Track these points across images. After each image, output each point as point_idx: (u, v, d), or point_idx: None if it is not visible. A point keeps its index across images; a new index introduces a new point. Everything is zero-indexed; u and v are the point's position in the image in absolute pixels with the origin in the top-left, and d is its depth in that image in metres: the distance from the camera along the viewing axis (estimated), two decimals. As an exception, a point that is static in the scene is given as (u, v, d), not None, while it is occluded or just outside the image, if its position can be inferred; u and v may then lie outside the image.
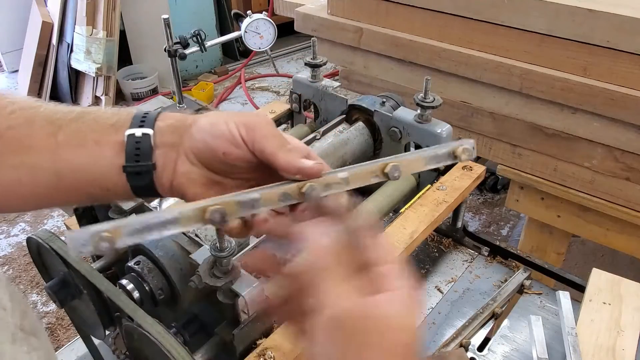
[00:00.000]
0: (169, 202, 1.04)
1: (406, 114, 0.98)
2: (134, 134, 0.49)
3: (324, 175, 0.49)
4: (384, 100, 1.02)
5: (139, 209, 0.81)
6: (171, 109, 1.54)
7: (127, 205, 0.80)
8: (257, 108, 3.20)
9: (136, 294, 0.68)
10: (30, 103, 0.50)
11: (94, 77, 3.14)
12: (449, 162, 0.54)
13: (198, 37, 1.64)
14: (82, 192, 0.50)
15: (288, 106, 1.16)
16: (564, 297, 0.85)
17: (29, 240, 0.83)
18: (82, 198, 0.51)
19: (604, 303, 0.83)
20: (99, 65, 3.08)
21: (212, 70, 3.84)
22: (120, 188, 0.50)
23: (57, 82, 3.35)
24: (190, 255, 0.71)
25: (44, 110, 0.50)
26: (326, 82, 1.09)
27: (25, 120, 0.48)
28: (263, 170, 0.50)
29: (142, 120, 0.50)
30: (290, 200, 0.48)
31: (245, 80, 3.61)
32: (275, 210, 0.51)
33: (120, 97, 3.38)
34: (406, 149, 1.01)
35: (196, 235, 0.74)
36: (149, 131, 0.49)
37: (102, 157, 0.49)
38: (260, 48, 2.00)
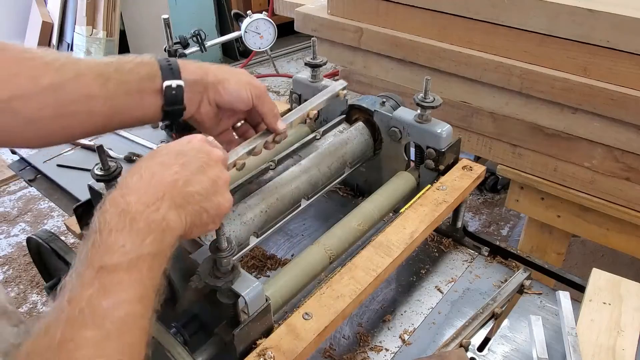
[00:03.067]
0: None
1: (406, 114, 0.98)
2: (170, 85, 0.67)
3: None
4: (384, 100, 1.02)
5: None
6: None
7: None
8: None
9: (136, 294, 0.68)
10: (68, 57, 0.63)
11: (94, 77, 3.14)
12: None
13: (198, 37, 1.64)
14: (123, 125, 0.68)
15: (288, 106, 1.16)
16: (564, 297, 0.85)
17: (29, 240, 0.83)
18: (120, 128, 0.69)
19: (604, 303, 0.83)
20: (99, 65, 3.08)
21: (212, 70, 3.83)
22: (154, 120, 0.69)
23: (57, 82, 3.35)
24: (190, 255, 0.71)
25: (86, 64, 0.63)
26: (326, 82, 1.09)
27: (75, 73, 0.61)
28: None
29: (171, 72, 0.67)
30: (267, 144, 0.79)
31: (245, 80, 3.61)
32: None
33: (120, 97, 3.38)
34: (406, 149, 1.01)
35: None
36: (181, 83, 0.68)
37: (145, 100, 0.66)
38: (260, 48, 2.00)
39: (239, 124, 0.82)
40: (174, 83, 0.67)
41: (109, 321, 0.45)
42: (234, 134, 0.82)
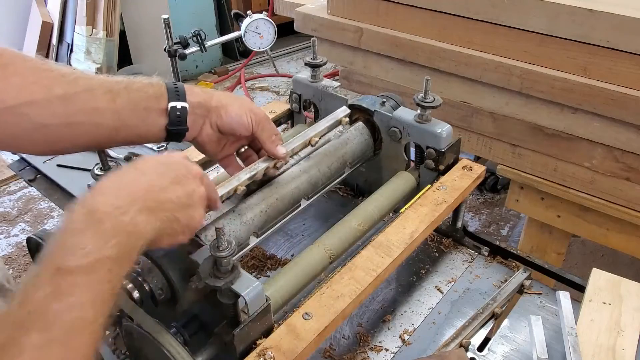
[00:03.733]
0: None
1: (406, 114, 0.98)
2: (175, 106, 0.69)
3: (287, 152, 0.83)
4: (384, 100, 1.02)
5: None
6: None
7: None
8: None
9: (136, 294, 0.68)
10: (82, 73, 0.66)
11: (94, 77, 3.14)
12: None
13: (198, 37, 1.65)
14: (128, 141, 0.70)
15: (288, 106, 1.16)
16: (564, 297, 0.85)
17: (29, 240, 0.83)
18: (124, 144, 0.71)
19: (604, 303, 0.83)
20: (99, 65, 3.08)
21: (212, 70, 3.83)
22: (157, 138, 0.71)
23: (57, 82, 3.34)
24: (190, 255, 0.71)
25: (98, 80, 0.66)
26: (326, 82, 1.09)
27: (86, 87, 0.64)
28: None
29: (177, 94, 0.70)
30: (269, 169, 0.82)
31: (245, 80, 3.61)
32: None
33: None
34: (406, 149, 1.01)
35: (196, 236, 0.74)
36: (186, 105, 0.70)
37: (150, 118, 0.68)
38: (260, 48, 2.01)
39: (242, 150, 0.84)
40: (178, 104, 0.69)
41: (57, 326, 0.45)
42: (238, 159, 0.84)
